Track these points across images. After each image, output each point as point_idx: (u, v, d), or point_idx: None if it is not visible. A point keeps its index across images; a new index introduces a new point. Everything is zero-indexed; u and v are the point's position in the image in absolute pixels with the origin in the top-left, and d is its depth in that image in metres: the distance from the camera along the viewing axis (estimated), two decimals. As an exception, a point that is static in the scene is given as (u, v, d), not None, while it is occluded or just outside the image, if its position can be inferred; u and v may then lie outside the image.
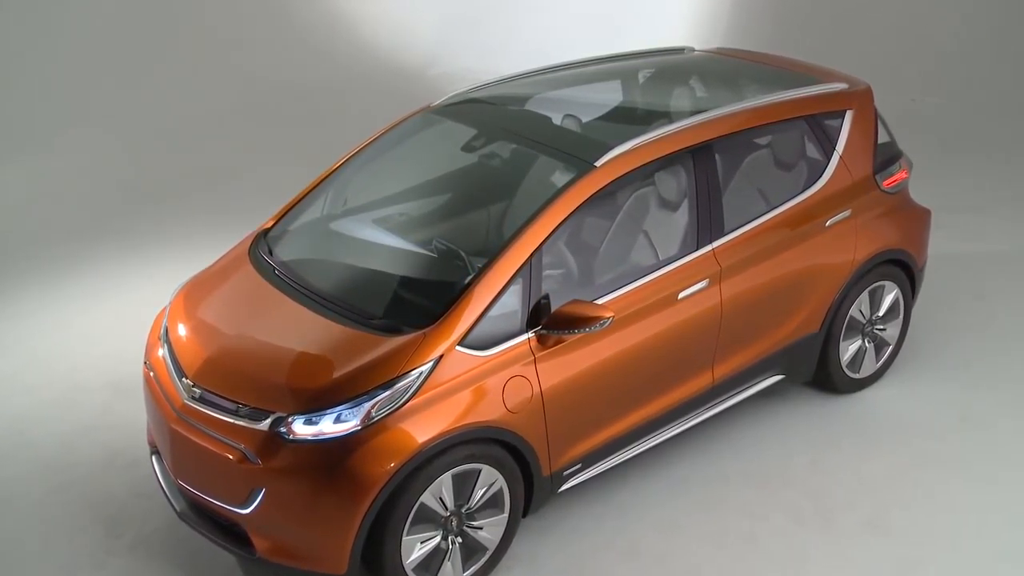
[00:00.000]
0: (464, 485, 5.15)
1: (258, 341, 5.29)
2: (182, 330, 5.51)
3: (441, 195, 6.14)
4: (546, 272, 5.31)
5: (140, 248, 8.75)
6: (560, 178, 5.51)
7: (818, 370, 6.48)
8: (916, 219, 6.67)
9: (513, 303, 5.21)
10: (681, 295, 5.66)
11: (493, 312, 5.14)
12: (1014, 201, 9.07)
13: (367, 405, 4.91)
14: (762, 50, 7.67)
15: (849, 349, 6.54)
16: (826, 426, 6.45)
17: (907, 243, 6.55)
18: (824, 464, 6.15)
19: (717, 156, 5.81)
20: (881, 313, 6.61)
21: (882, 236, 6.40)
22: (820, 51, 9.33)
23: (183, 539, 5.71)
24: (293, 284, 5.51)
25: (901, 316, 6.73)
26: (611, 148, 5.50)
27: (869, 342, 6.62)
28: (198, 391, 5.17)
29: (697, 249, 5.74)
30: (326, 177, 6.18)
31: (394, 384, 4.94)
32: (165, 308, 5.83)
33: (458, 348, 5.07)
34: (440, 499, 5.09)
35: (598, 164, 5.44)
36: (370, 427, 4.90)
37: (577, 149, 5.62)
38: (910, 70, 11.01)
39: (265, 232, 6.01)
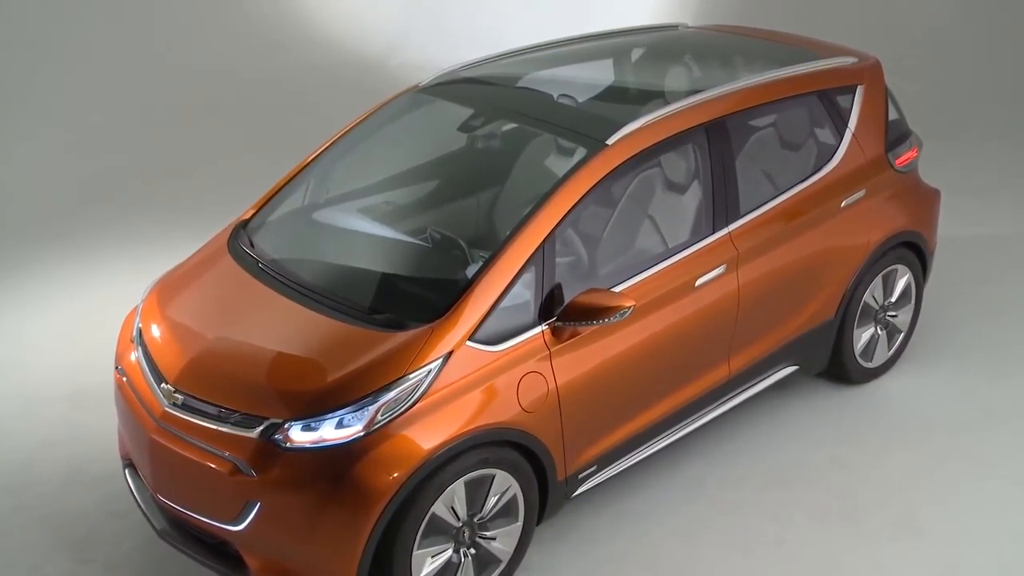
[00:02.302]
0: (477, 493, 4.72)
1: (245, 340, 4.81)
2: (158, 331, 5.01)
3: (439, 180, 5.71)
4: (557, 259, 4.90)
5: (90, 249, 8.17)
6: (569, 158, 5.10)
7: (831, 360, 6.14)
8: (927, 199, 6.36)
9: (525, 293, 4.79)
10: (698, 282, 5.28)
11: (504, 303, 4.72)
12: (1008, 185, 8.83)
13: (372, 408, 4.46)
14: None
15: (862, 337, 6.21)
16: (842, 420, 6.11)
17: (920, 224, 6.24)
18: (845, 460, 5.80)
19: (730, 134, 5.44)
20: (894, 299, 6.29)
21: (896, 217, 6.08)
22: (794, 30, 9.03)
23: (162, 561, 5.21)
24: (280, 278, 5.04)
25: (913, 302, 6.42)
26: (623, 125, 5.11)
27: (881, 329, 6.29)
28: (180, 397, 4.68)
29: (713, 233, 5.37)
30: (307, 164, 5.71)
31: (401, 384, 4.50)
32: (136, 308, 5.32)
33: (468, 343, 4.63)
34: (452, 509, 4.65)
35: (610, 142, 5.04)
36: (375, 432, 4.45)
37: (586, 127, 5.21)
38: (883, 51, 10.75)
39: (244, 223, 5.53)
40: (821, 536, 5.30)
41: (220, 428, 4.56)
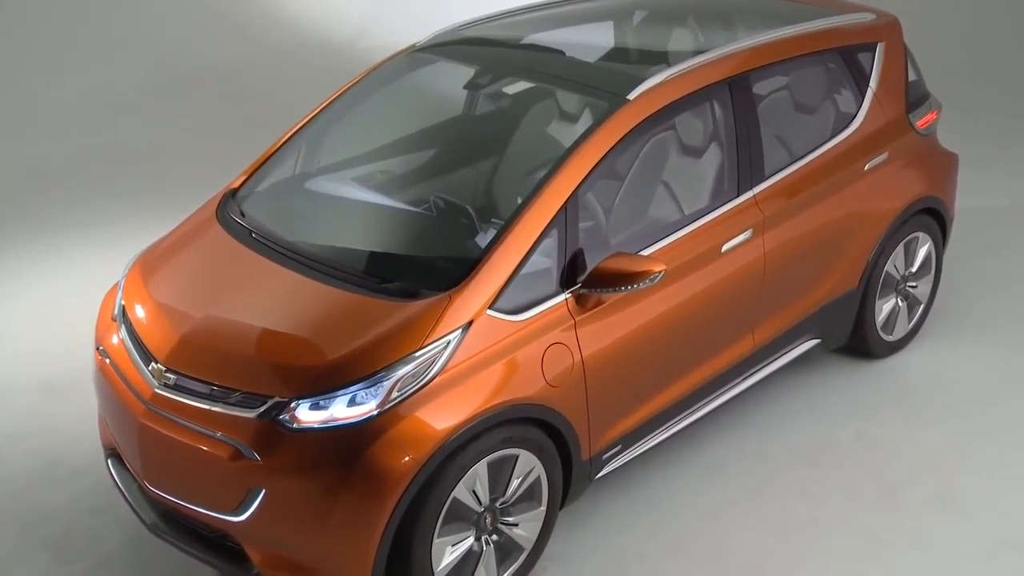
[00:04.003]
0: (499, 475, 4.34)
1: (242, 313, 4.40)
2: (144, 307, 4.58)
3: (445, 143, 5.32)
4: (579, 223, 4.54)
5: (52, 233, 7.65)
6: (588, 115, 4.76)
7: (852, 332, 5.83)
8: (947, 164, 6.08)
9: (546, 259, 4.43)
10: (725, 247, 4.95)
11: (525, 270, 4.35)
12: (1000, 156, 8.60)
13: (387, 383, 4.07)
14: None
15: (883, 309, 5.91)
16: (864, 395, 5.80)
17: (941, 190, 5.96)
18: (872, 437, 5.50)
19: (753, 91, 5.12)
20: (915, 268, 6.01)
21: (919, 182, 5.79)
22: None
23: (150, 560, 4.78)
24: (277, 248, 4.63)
25: (933, 272, 6.13)
26: (644, 79, 4.76)
27: (902, 301, 6.00)
28: (172, 377, 4.25)
29: (738, 195, 5.04)
30: (300, 129, 5.31)
31: (418, 356, 4.11)
32: (118, 283, 4.89)
33: (489, 312, 4.26)
34: (473, 492, 4.27)
35: (631, 97, 4.69)
36: (391, 410, 4.05)
37: (604, 82, 4.86)
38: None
39: (233, 192, 5.11)
40: (858, 514, 4.99)
41: (218, 409, 4.14)
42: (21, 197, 8.17)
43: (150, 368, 4.35)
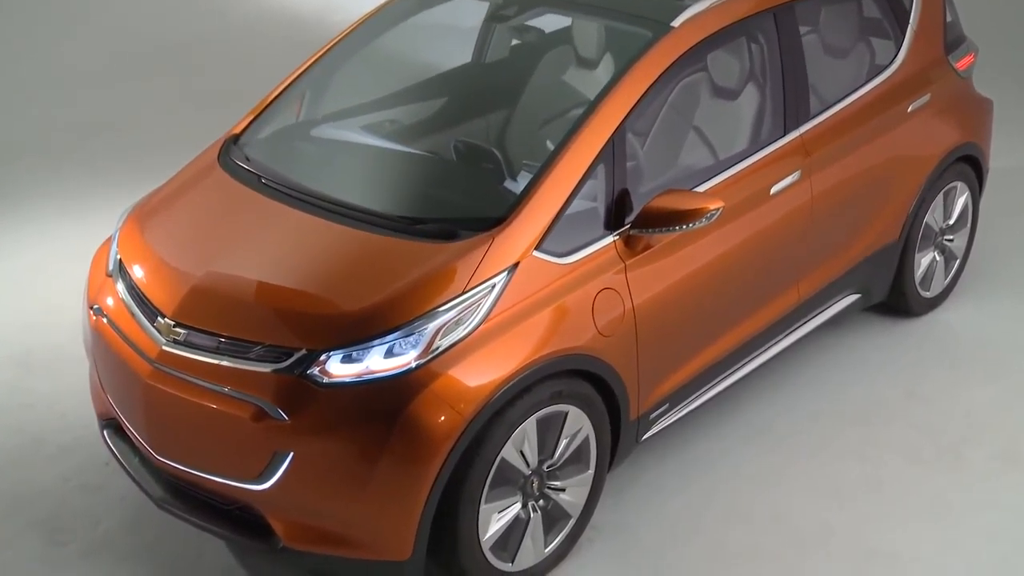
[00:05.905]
0: (547, 434, 3.93)
1: (259, 260, 3.95)
2: (146, 260, 4.12)
3: (476, 80, 4.95)
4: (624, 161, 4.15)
5: (18, 205, 7.12)
6: (630, 45, 4.34)
7: (891, 288, 5.49)
8: (985, 109, 5.77)
9: (592, 197, 4.04)
10: (773, 190, 4.58)
11: (572, 208, 3.96)
12: (1007, 119, 8.31)
13: (428, 332, 3.65)
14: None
15: (922, 263, 5.58)
16: (907, 353, 5.47)
17: (980, 136, 5.65)
18: (922, 395, 5.16)
19: (798, 23, 4.77)
20: (952, 221, 5.69)
21: (960, 127, 5.47)
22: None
23: (152, 542, 4.32)
24: (292, 193, 4.19)
25: (969, 224, 5.82)
26: (688, 6, 4.39)
27: (939, 255, 5.68)
28: (182, 332, 3.80)
29: (785, 135, 4.68)
30: (305, 71, 4.87)
31: (461, 301, 3.70)
32: (111, 237, 4.42)
33: (535, 253, 3.86)
34: (521, 453, 3.86)
35: (675, 24, 4.32)
36: (433, 360, 3.64)
37: (645, 9, 4.48)
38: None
39: (235, 138, 4.66)
40: (920, 475, 4.65)
41: (237, 365, 3.70)
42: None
43: (156, 324, 3.89)
